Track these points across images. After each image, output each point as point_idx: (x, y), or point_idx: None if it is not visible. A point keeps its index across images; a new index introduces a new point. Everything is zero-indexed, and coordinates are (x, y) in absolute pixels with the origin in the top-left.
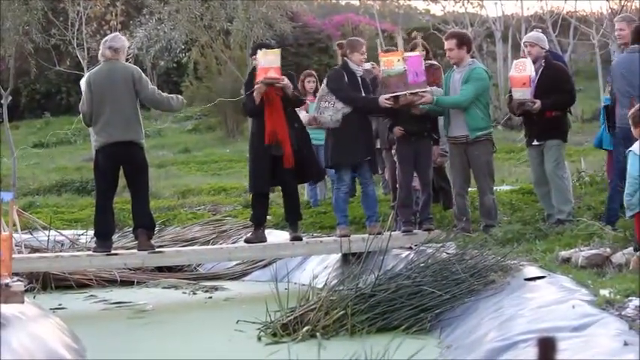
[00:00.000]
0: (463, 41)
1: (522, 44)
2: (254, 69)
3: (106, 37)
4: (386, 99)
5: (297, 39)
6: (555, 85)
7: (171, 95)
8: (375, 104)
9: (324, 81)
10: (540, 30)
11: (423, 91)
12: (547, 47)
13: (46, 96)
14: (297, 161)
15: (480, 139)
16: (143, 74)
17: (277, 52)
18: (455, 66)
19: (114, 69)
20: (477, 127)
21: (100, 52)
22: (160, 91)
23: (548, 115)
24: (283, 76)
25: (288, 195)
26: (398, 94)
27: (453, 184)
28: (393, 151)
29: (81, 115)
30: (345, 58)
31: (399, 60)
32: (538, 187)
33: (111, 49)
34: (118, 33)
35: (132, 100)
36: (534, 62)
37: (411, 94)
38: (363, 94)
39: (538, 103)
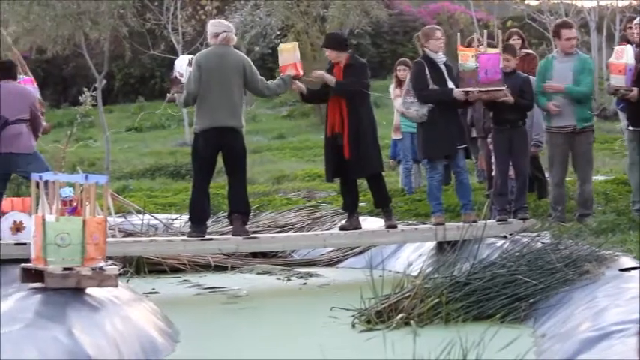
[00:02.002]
0: None
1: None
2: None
3: (223, 23)
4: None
5: (393, 27)
6: None
7: (279, 82)
8: (449, 96)
9: (408, 75)
10: None
11: (497, 90)
12: None
13: (140, 80)
14: (352, 154)
15: (585, 130)
16: (252, 64)
17: (290, 47)
18: (556, 54)
19: (227, 54)
20: (585, 118)
21: (222, 35)
22: (266, 82)
23: None
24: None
25: (369, 182)
26: (468, 89)
27: (553, 174)
28: (489, 140)
29: (184, 95)
30: (424, 49)
31: (472, 56)
32: (630, 172)
33: (232, 34)
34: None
35: (240, 87)
36: None
37: (480, 91)
38: (450, 83)
39: (634, 91)
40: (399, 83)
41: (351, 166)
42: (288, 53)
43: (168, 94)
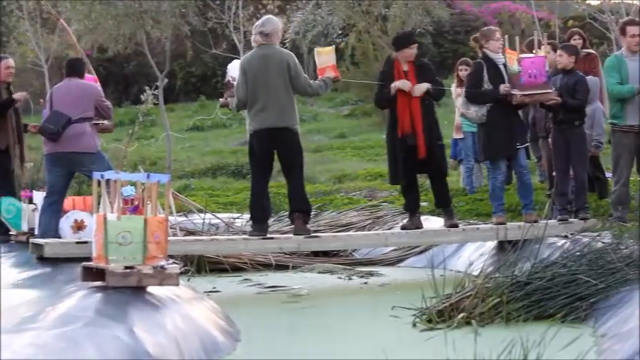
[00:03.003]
0: None
1: None
2: (389, 58)
3: (258, 22)
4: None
5: (454, 26)
6: None
7: (320, 84)
8: (493, 95)
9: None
10: None
11: (541, 93)
12: None
13: (201, 79)
14: (428, 154)
15: None
16: (297, 61)
17: (329, 49)
18: (623, 52)
19: (268, 54)
20: None
21: (252, 37)
22: (309, 81)
23: None
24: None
25: (432, 182)
26: (512, 92)
27: (619, 173)
28: (549, 140)
29: (235, 101)
30: (484, 49)
31: (516, 59)
32: None
33: (262, 35)
34: (270, 16)
35: (286, 85)
36: None
37: (523, 95)
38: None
39: None
40: (461, 83)
41: (428, 166)
42: (327, 56)
43: (220, 99)
